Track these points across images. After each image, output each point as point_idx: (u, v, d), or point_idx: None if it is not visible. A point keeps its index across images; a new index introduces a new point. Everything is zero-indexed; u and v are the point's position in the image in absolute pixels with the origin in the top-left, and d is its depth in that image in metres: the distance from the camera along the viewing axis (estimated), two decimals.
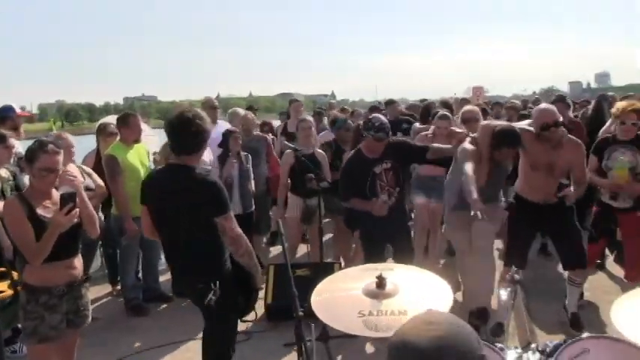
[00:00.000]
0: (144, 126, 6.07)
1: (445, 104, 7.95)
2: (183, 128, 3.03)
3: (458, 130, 5.28)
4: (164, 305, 5.50)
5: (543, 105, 4.38)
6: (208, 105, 6.50)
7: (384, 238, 4.53)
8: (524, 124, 4.50)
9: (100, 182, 5.03)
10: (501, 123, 4.58)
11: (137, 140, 5.31)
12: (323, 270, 4.16)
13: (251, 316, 4.83)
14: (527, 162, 4.30)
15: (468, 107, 5.83)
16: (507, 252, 4.43)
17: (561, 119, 4.19)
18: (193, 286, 3.10)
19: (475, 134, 4.40)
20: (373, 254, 4.38)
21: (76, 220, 3.10)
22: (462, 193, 4.09)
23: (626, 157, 4.39)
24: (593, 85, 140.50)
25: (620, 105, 4.54)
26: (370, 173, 4.34)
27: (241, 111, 7.26)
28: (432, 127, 5.39)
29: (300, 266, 4.99)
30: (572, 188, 4.16)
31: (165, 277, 5.81)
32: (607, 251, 5.74)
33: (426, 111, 6.38)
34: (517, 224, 4.41)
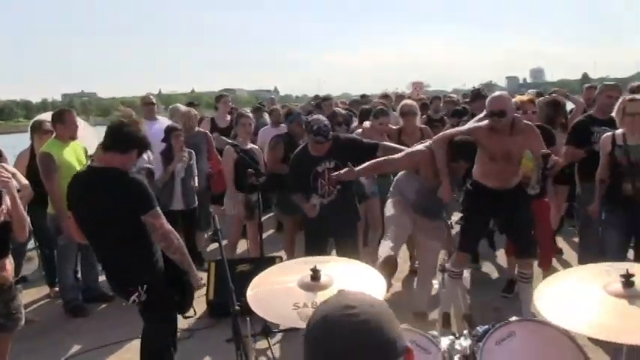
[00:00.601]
0: (83, 123, 5.93)
1: (385, 96, 8.18)
2: (118, 128, 3.09)
3: (393, 127, 5.44)
4: (104, 305, 5.38)
5: (497, 93, 4.23)
6: (145, 101, 6.53)
7: (327, 233, 4.57)
8: (475, 120, 4.50)
9: (25, 182, 4.86)
10: (460, 130, 4.41)
11: (73, 137, 5.16)
12: (264, 265, 4.12)
13: (193, 313, 4.87)
14: (485, 154, 4.19)
15: (406, 101, 5.98)
16: (461, 237, 4.34)
17: (507, 108, 4.00)
18: (123, 289, 3.11)
19: (429, 142, 4.38)
20: (314, 248, 4.42)
21: (2, 218, 3.01)
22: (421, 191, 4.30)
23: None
24: (529, 80, 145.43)
25: (518, 98, 4.84)
26: (313, 171, 4.40)
27: (182, 107, 7.21)
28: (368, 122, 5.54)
29: (241, 262, 4.98)
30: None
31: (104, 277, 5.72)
32: None
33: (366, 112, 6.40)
34: (473, 210, 4.29)
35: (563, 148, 4.94)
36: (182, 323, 4.68)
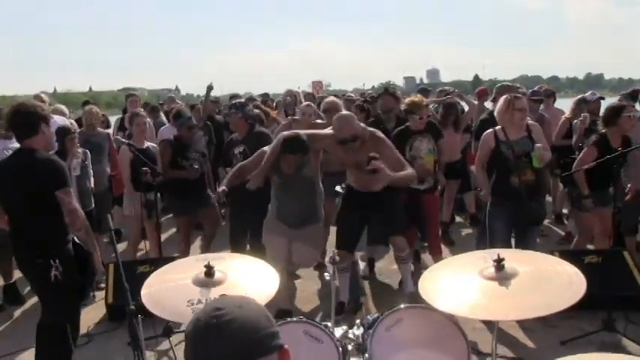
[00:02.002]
0: None
1: (289, 93, 8.35)
2: (16, 113, 3.35)
3: (319, 121, 5.61)
4: None
5: (342, 114, 4.31)
6: (36, 100, 6.16)
7: (245, 223, 5.05)
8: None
9: None
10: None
11: None
12: (164, 265, 4.12)
13: (92, 319, 4.72)
14: (342, 163, 4.37)
15: (329, 99, 6.14)
16: (338, 236, 4.55)
17: (357, 130, 4.06)
18: (32, 262, 3.26)
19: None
20: (235, 235, 5.27)
21: None
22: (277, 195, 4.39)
23: (424, 145, 4.96)
24: (426, 80, 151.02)
25: (410, 100, 5.11)
26: (231, 151, 5.17)
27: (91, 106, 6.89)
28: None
29: (141, 263, 4.89)
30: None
31: None
32: None
33: None
34: (346, 211, 4.57)
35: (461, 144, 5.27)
36: (80, 328, 4.54)
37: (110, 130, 7.17)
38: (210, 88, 7.72)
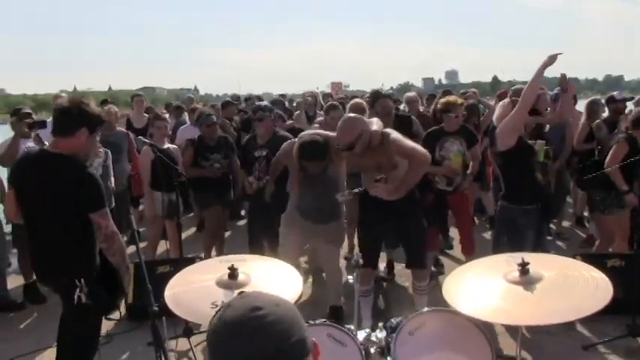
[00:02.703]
0: None
1: (309, 94, 8.39)
2: (60, 109, 2.99)
3: None
4: (12, 314, 5.14)
5: (345, 118, 3.96)
6: (55, 100, 6.22)
7: (260, 223, 5.10)
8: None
9: None
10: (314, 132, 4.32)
11: None
12: (184, 265, 4.09)
13: (118, 316, 4.75)
14: (355, 167, 4.16)
15: (355, 100, 6.12)
16: (360, 247, 4.22)
17: (357, 137, 3.74)
18: (57, 280, 3.06)
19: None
20: (252, 236, 5.30)
21: None
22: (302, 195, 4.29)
23: (455, 147, 4.89)
24: (444, 81, 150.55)
25: (446, 99, 5.03)
26: (251, 154, 5.12)
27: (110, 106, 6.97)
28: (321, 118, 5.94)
29: (161, 263, 4.90)
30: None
31: (14, 284, 5.46)
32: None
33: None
34: (364, 225, 4.21)
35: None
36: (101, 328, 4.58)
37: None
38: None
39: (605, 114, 6.31)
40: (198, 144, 5.47)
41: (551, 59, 3.78)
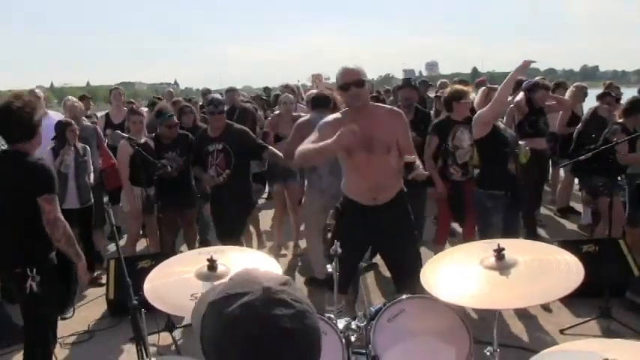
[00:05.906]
0: None
1: (286, 86, 8.42)
2: (10, 118, 3.05)
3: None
4: None
5: (344, 65, 3.42)
6: (31, 95, 6.12)
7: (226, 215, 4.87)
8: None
9: None
10: None
11: None
12: (165, 259, 4.12)
13: (93, 315, 4.73)
14: (347, 161, 3.37)
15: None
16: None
17: (364, 77, 3.37)
18: (10, 270, 3.09)
19: None
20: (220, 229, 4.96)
21: None
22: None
23: (466, 135, 4.79)
24: (425, 73, 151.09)
25: (453, 88, 5.02)
26: (205, 150, 4.82)
27: (72, 99, 6.86)
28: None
29: (142, 258, 4.90)
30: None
31: None
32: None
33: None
34: (346, 237, 3.07)
35: None
36: (81, 324, 4.56)
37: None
38: None
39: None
40: (155, 143, 5.23)
41: (525, 65, 3.98)
